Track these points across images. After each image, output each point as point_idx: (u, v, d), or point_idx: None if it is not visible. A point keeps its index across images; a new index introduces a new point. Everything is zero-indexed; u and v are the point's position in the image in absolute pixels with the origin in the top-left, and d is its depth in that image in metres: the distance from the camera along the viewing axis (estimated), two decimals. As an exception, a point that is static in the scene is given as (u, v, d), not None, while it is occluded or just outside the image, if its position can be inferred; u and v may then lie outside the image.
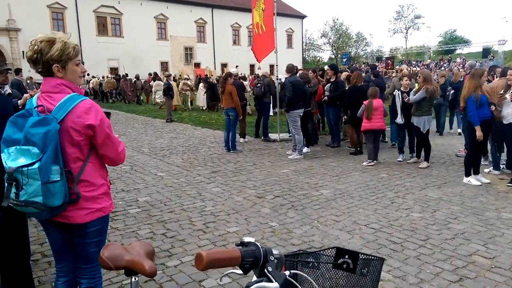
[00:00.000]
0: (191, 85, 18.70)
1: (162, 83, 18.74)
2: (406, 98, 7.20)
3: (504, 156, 6.65)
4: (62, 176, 2.00)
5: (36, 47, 2.03)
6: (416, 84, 9.87)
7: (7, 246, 2.72)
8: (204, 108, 17.90)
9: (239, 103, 9.04)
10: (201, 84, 18.09)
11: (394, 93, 7.69)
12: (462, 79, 9.95)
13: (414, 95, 7.06)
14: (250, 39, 23.10)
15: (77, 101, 2.06)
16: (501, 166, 6.70)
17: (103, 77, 27.07)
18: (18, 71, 12.03)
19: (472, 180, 6.07)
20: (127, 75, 25.18)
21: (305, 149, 8.66)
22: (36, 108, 2.03)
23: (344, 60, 49.06)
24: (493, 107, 6.00)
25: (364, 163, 7.42)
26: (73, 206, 2.10)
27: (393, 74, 15.48)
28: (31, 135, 1.93)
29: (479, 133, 5.75)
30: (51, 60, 2.05)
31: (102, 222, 2.25)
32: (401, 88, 7.66)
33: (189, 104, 18.96)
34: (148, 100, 22.60)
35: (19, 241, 2.76)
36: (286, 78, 8.88)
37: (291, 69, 8.48)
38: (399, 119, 7.56)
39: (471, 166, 6.15)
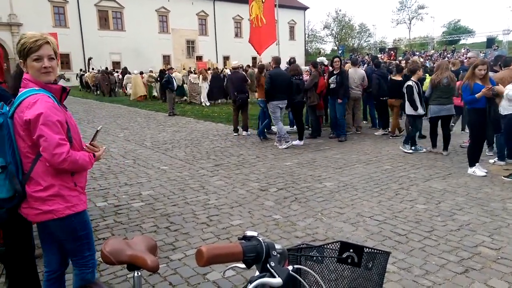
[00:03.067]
0: (155, 77, 20.68)
1: (131, 76, 21.95)
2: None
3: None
4: (4, 170, 2.03)
5: None
6: (427, 75, 10.01)
7: (12, 241, 2.72)
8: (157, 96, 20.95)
9: (245, 95, 9.57)
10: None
11: (411, 84, 7.63)
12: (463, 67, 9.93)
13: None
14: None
15: (25, 95, 2.05)
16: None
17: (98, 71, 28.11)
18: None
19: (477, 170, 6.03)
20: (107, 69, 27.19)
21: (295, 142, 8.72)
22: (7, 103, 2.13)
23: (340, 52, 47.40)
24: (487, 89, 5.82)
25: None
26: (26, 204, 2.10)
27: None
28: None
29: (481, 93, 5.74)
30: (18, 56, 2.13)
31: (65, 224, 2.15)
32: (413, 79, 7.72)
33: (157, 93, 20.84)
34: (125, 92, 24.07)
35: (23, 236, 2.75)
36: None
37: (277, 61, 8.66)
38: (420, 110, 7.61)
39: (474, 156, 6.12)
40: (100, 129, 2.42)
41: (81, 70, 32.02)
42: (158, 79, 19.86)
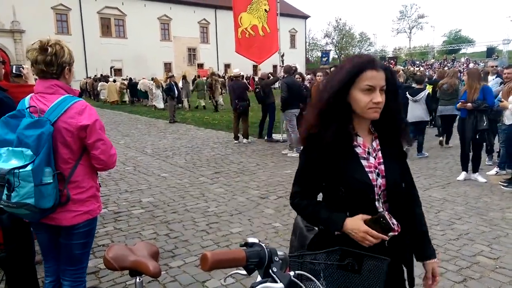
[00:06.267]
0: (126, 84, 24.06)
1: (106, 83, 25.01)
2: None
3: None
4: (54, 178, 2.01)
5: (51, 49, 2.07)
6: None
7: (13, 246, 2.74)
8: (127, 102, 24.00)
9: (245, 102, 9.85)
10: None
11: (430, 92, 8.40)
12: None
13: None
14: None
15: (71, 102, 2.08)
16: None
17: (88, 77, 30.37)
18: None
19: (462, 175, 6.33)
20: (107, 76, 29.32)
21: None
22: (28, 109, 2.05)
23: (324, 59, 42.69)
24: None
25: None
26: (61, 208, 2.10)
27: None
28: (24, 136, 1.93)
29: (460, 105, 6.16)
30: (64, 63, 2.12)
31: (90, 224, 2.24)
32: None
33: (127, 99, 23.94)
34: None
35: (24, 242, 2.77)
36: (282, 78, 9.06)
37: (288, 70, 8.81)
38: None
39: (462, 161, 6.37)
40: None
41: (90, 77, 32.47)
42: (127, 86, 23.75)
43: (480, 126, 5.96)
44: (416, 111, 7.86)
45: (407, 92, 8.10)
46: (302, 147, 1.60)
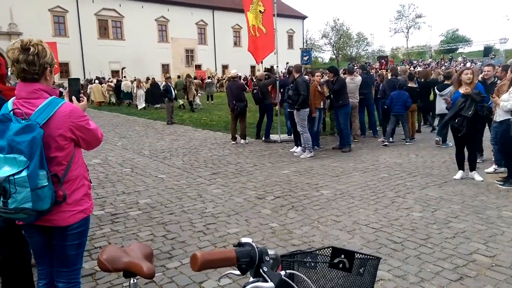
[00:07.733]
0: (113, 86, 25.06)
1: (93, 86, 25.52)
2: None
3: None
4: (49, 180, 2.00)
5: (33, 49, 2.03)
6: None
7: (8, 249, 2.73)
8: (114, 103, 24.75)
9: (243, 103, 9.80)
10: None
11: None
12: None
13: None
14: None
15: (58, 105, 2.06)
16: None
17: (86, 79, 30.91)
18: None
19: (458, 174, 6.35)
20: (103, 78, 29.87)
21: (293, 149, 8.86)
22: (12, 112, 2.01)
23: (305, 58, 36.75)
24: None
25: None
26: (57, 209, 2.10)
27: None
28: (16, 143, 1.90)
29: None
30: (46, 64, 2.08)
31: (84, 224, 2.24)
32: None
33: (114, 100, 24.72)
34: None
35: (20, 244, 2.77)
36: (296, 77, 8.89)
37: (299, 69, 8.63)
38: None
39: (470, 161, 6.32)
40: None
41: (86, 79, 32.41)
42: (113, 88, 24.78)
43: (465, 111, 5.77)
44: (442, 105, 8.40)
45: (435, 87, 9.27)
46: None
